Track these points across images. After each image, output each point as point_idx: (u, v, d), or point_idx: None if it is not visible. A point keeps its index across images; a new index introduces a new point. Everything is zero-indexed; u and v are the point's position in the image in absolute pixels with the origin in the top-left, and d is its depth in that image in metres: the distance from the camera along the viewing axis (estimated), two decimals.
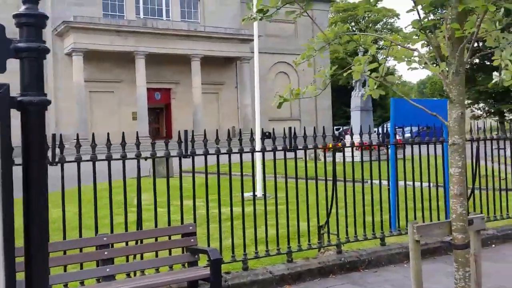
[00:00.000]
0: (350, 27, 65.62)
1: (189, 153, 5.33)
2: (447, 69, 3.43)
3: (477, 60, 50.06)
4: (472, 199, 7.67)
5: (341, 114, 58.75)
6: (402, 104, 9.08)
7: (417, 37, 3.80)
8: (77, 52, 33.95)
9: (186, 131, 5.34)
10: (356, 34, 4.10)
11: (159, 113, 40.75)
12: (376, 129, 8.56)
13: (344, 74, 4.03)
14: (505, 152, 8.42)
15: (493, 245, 7.34)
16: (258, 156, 8.62)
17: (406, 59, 4.00)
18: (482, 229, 3.75)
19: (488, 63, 48.99)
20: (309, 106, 47.92)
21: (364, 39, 4.15)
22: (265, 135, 9.44)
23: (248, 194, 6.39)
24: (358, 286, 5.74)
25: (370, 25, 65.31)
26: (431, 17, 3.84)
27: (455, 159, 3.44)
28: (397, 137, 8.75)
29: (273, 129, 7.04)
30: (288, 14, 3.80)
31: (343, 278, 5.98)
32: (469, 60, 3.58)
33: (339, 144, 6.87)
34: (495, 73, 4.05)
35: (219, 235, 5.59)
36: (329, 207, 6.42)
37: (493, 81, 3.97)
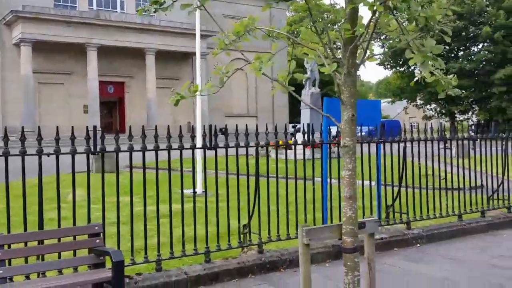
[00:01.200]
0: (309, 27, 65.89)
1: (98, 149, 5.14)
2: (333, 69, 3.37)
3: None
4: (399, 199, 7.75)
5: (297, 112, 59.18)
6: (335, 103, 9.12)
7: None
8: (25, 42, 32.84)
9: (94, 127, 5.16)
10: (263, 28, 4.03)
11: (113, 107, 39.96)
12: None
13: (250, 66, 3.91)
14: (432, 151, 8.56)
15: (418, 245, 7.42)
16: (198, 153, 8.62)
17: (314, 58, 3.96)
18: (375, 232, 3.71)
19: None
20: (266, 103, 48.02)
21: (274, 33, 4.08)
22: (221, 131, 9.56)
23: (187, 191, 6.30)
24: (274, 286, 5.68)
25: (329, 25, 65.84)
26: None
27: (346, 161, 3.39)
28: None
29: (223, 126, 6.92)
30: (184, 7, 3.66)
31: (262, 279, 5.91)
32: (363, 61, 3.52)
33: (273, 142, 6.77)
34: (417, 70, 4.05)
35: (130, 235, 5.41)
36: (252, 206, 6.34)
37: (415, 79, 3.96)
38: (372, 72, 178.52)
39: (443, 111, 49.41)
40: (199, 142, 10.97)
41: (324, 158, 7.68)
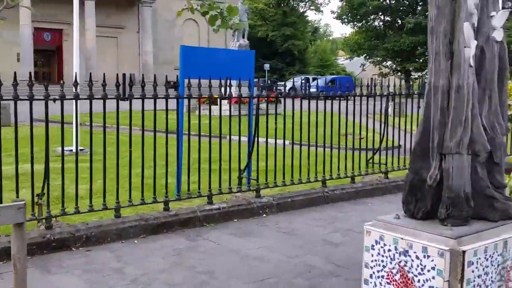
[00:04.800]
0: None
1: None
2: None
3: (388, 18, 50.30)
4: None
5: (257, 65, 57.65)
6: (193, 52, 7.98)
7: None
8: None
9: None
10: None
11: (51, 55, 37.78)
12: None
13: None
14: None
15: (264, 215, 6.54)
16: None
17: None
18: (22, 221, 2.70)
19: (400, 21, 49.33)
20: None
21: None
22: (170, 84, 8.93)
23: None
24: (41, 269, 4.69)
25: None
26: None
27: None
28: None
29: None
30: None
31: (34, 262, 4.85)
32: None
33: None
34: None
35: None
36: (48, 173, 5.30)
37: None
38: (341, 29, 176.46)
39: (398, 68, 48.79)
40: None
41: (180, 113, 6.72)
